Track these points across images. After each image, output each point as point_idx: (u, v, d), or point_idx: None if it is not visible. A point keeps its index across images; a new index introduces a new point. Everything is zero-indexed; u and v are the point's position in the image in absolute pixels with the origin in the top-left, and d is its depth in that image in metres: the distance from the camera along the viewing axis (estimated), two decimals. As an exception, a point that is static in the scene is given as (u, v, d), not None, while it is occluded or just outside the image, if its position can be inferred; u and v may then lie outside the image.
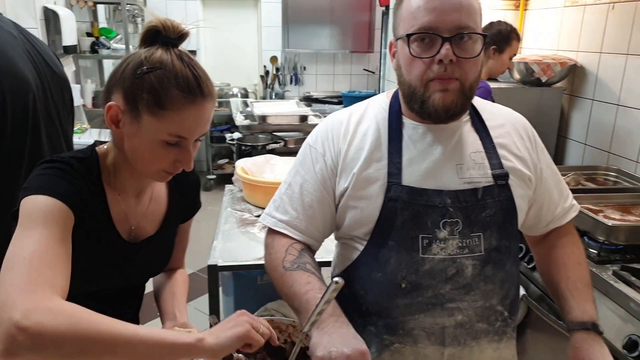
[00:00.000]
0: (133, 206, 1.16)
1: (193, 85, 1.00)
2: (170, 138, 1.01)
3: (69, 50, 4.07)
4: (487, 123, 1.16)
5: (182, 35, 1.04)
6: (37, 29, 3.76)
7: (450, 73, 1.03)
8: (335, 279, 0.88)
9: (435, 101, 1.05)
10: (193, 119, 1.01)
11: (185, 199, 1.30)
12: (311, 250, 1.18)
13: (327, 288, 0.90)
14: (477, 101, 1.18)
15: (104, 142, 1.12)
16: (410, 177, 1.09)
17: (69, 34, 4.05)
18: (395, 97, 1.18)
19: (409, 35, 1.03)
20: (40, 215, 0.92)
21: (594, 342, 1.08)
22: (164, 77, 0.98)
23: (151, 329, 0.87)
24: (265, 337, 0.94)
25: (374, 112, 1.17)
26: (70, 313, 0.81)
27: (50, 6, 3.88)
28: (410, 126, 1.14)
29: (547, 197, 1.22)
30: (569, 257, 1.22)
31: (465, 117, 1.15)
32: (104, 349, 0.81)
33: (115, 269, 1.14)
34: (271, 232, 1.19)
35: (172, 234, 1.29)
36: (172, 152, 1.03)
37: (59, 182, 0.98)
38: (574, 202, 1.29)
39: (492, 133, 1.15)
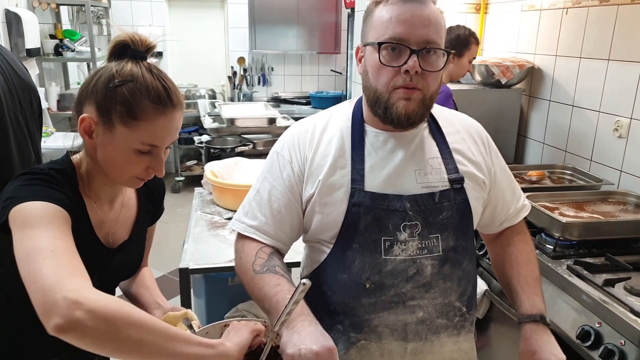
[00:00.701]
0: (107, 213, 1.19)
1: (163, 96, 1.04)
2: (143, 147, 1.05)
3: (32, 53, 4.00)
4: (444, 130, 1.22)
5: (150, 49, 1.09)
6: (-2, 32, 3.70)
7: (415, 83, 1.09)
8: (303, 280, 0.93)
9: (398, 108, 1.10)
10: (164, 128, 1.06)
11: (153, 204, 1.35)
12: (280, 253, 1.22)
13: (295, 289, 0.94)
14: (435, 108, 1.23)
15: (76, 152, 1.15)
16: (372, 183, 1.14)
17: (32, 37, 3.98)
18: (357, 106, 1.23)
19: (380, 44, 1.09)
20: (45, 216, 0.94)
21: (542, 333, 1.16)
22: (135, 90, 1.02)
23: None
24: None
25: (337, 121, 1.22)
26: (113, 297, 0.86)
27: (12, 8, 3.81)
28: (372, 134, 1.19)
29: (501, 198, 1.29)
30: (520, 254, 1.29)
31: (424, 125, 1.21)
32: (145, 333, 0.85)
33: (95, 274, 1.16)
34: (241, 236, 1.22)
35: (143, 237, 1.33)
36: (145, 160, 1.08)
37: (48, 190, 1.00)
38: (526, 202, 1.36)
39: (449, 139, 1.21)
